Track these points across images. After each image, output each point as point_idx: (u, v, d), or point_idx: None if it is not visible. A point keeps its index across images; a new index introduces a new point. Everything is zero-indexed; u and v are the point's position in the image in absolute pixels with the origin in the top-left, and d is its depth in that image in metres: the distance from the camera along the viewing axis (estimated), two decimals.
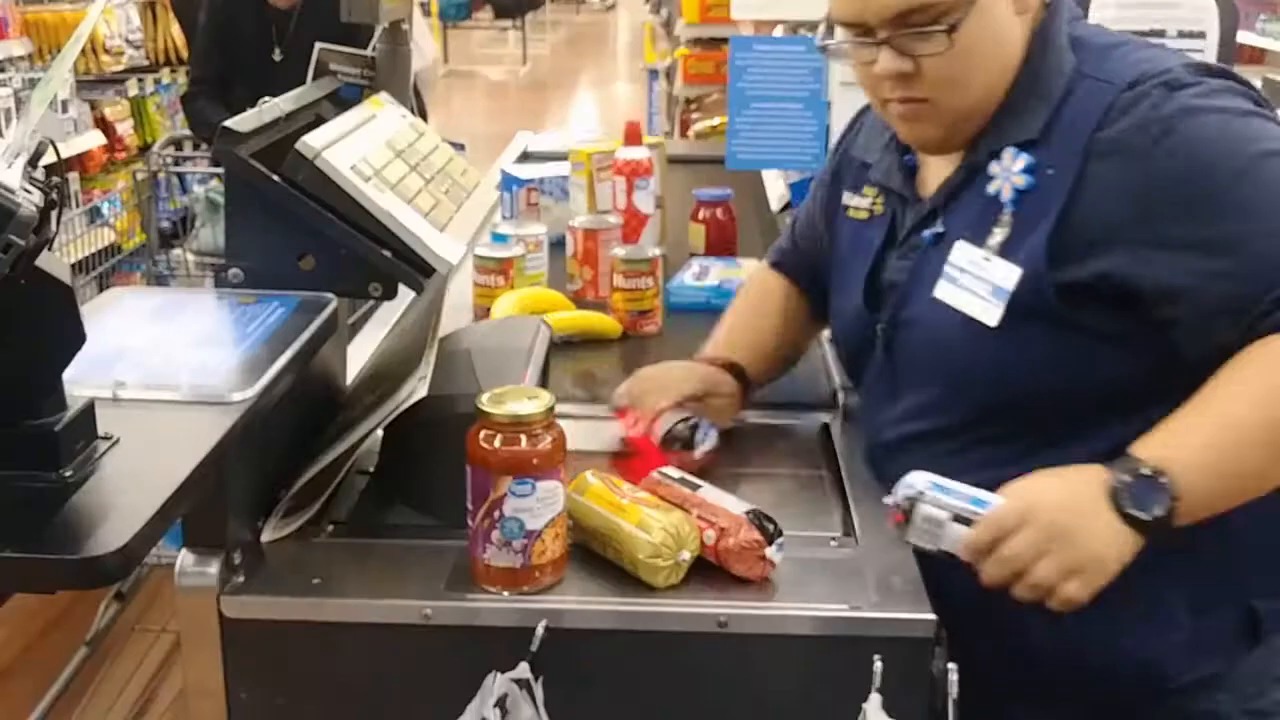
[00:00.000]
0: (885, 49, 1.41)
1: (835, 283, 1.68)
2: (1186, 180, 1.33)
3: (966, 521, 1.30)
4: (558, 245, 2.38)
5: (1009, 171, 1.43)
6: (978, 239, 1.44)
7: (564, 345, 2.00)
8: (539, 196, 2.66)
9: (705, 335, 1.86)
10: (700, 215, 2.60)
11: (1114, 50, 1.44)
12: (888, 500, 1.35)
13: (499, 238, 2.28)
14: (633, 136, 2.46)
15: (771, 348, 1.80)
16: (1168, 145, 1.33)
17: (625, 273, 2.13)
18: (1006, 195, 1.43)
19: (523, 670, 1.22)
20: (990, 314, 1.40)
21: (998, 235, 1.42)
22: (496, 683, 1.21)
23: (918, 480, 1.32)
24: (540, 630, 1.26)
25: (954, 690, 1.27)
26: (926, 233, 1.50)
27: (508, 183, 2.66)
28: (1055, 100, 1.41)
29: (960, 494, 1.31)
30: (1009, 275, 1.39)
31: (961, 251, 1.45)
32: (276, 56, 4.22)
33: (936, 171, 1.54)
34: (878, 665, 1.27)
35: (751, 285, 1.93)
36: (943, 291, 1.45)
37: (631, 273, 2.13)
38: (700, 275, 2.36)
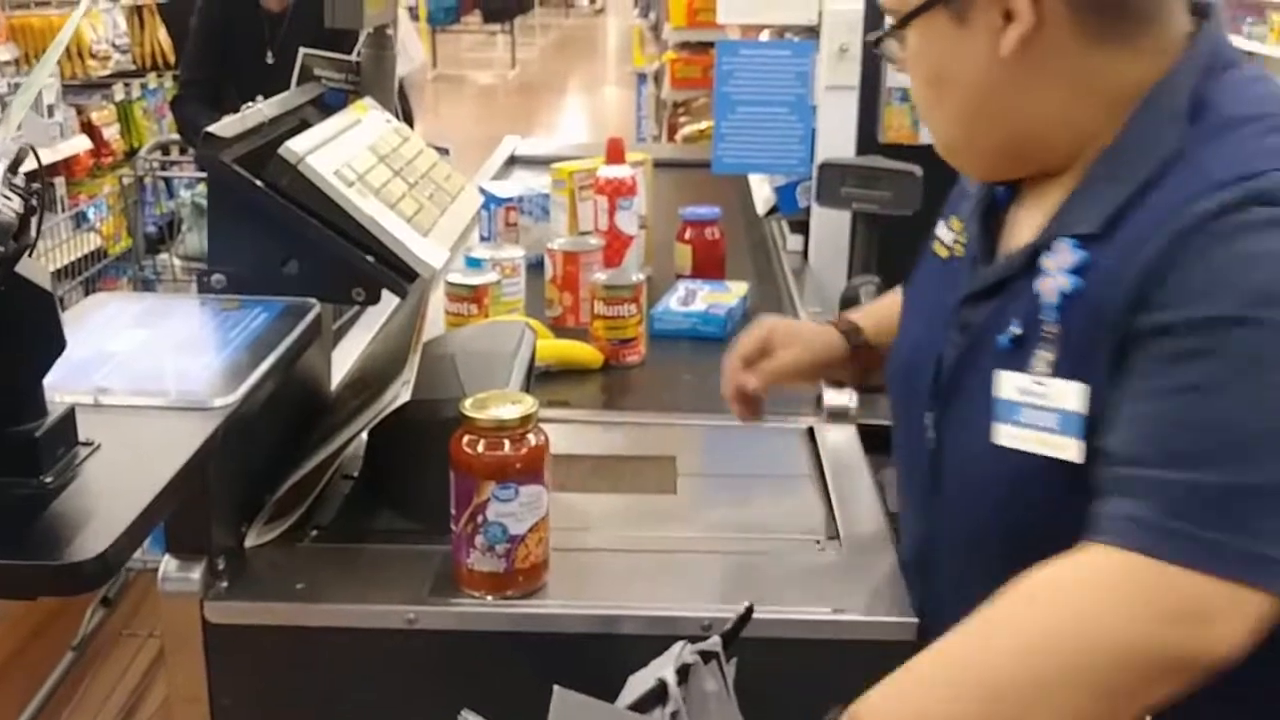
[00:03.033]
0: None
1: (904, 311, 1.44)
2: (1192, 301, 1.03)
3: None
4: (538, 267, 2.27)
5: (1057, 268, 1.13)
6: (1023, 358, 1.14)
7: (541, 376, 1.91)
8: (518, 216, 2.56)
9: (691, 365, 1.83)
10: (687, 235, 2.48)
11: (1238, 130, 1.10)
12: None
13: (473, 262, 2.17)
14: (615, 154, 2.36)
15: None
16: (1207, 263, 1.04)
17: (606, 299, 2.03)
18: (1050, 298, 1.13)
19: (713, 643, 1.15)
20: (1068, 449, 1.11)
21: (1044, 353, 1.13)
22: (683, 651, 1.13)
23: None
24: (742, 609, 1.18)
25: None
26: (1001, 337, 1.17)
27: (485, 201, 2.50)
28: (1138, 183, 1.11)
29: None
30: (1077, 396, 1.10)
31: (1008, 382, 1.15)
32: (269, 60, 4.22)
33: (1023, 223, 1.24)
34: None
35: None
36: (1003, 435, 1.15)
37: (613, 299, 2.02)
38: (687, 300, 2.25)
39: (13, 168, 1.04)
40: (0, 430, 1.06)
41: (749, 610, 1.18)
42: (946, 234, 1.35)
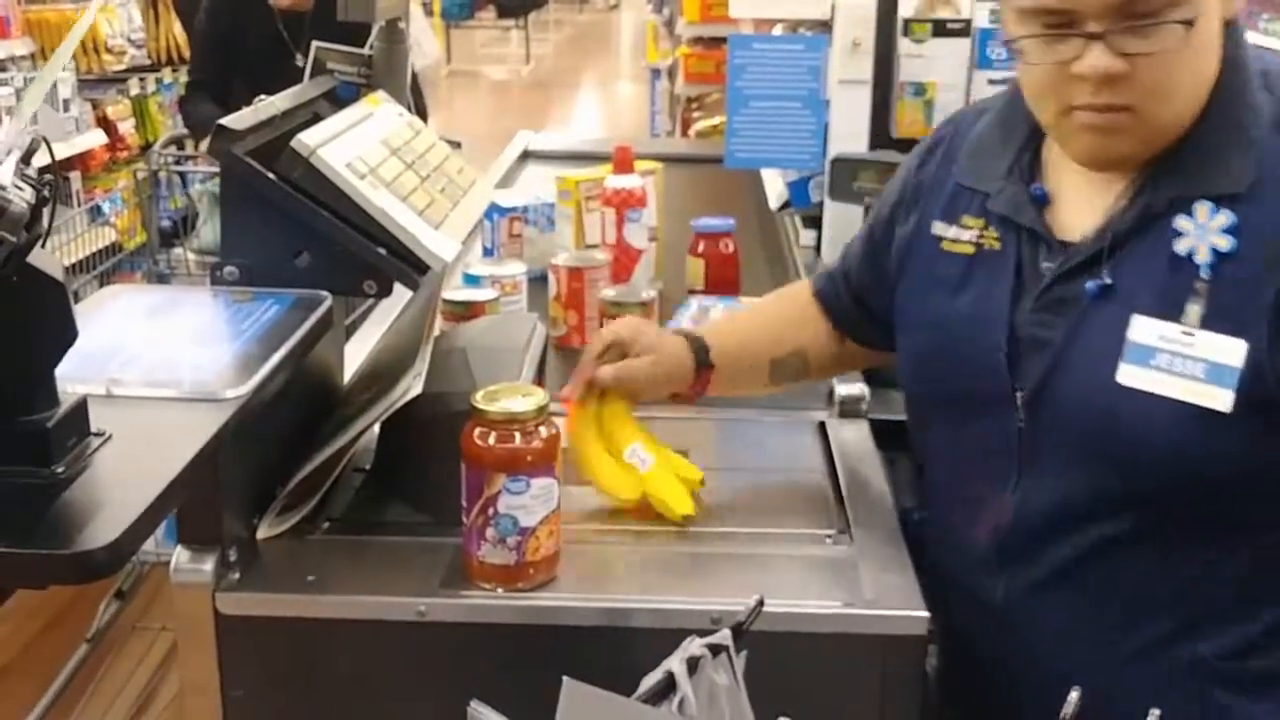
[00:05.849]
0: (1098, 44, 1.21)
1: (911, 319, 1.48)
2: None
3: None
4: (543, 281, 2.15)
5: (1205, 230, 1.22)
6: (1165, 310, 1.24)
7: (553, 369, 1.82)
8: (523, 226, 2.44)
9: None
10: (700, 248, 2.32)
11: None
12: None
13: (470, 279, 2.08)
14: (623, 163, 2.26)
15: (763, 345, 1.64)
16: None
17: (615, 317, 1.89)
18: (1203, 258, 1.22)
19: (723, 636, 1.16)
20: (1218, 398, 1.21)
21: (1195, 307, 1.22)
22: (693, 644, 1.14)
23: None
24: (753, 602, 1.20)
25: None
26: (1090, 283, 1.29)
27: (489, 211, 2.37)
28: (1260, 146, 1.23)
29: None
30: (1233, 351, 1.20)
31: (1147, 328, 1.24)
32: (299, 62, 4.19)
33: (1077, 211, 1.34)
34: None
35: (783, 292, 1.77)
36: (1131, 376, 1.24)
37: (622, 317, 1.85)
38: (700, 318, 2.06)
39: (25, 159, 1.04)
40: (13, 420, 1.06)
41: (760, 604, 1.18)
42: (963, 232, 1.40)
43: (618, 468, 1.53)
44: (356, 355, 1.88)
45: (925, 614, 1.31)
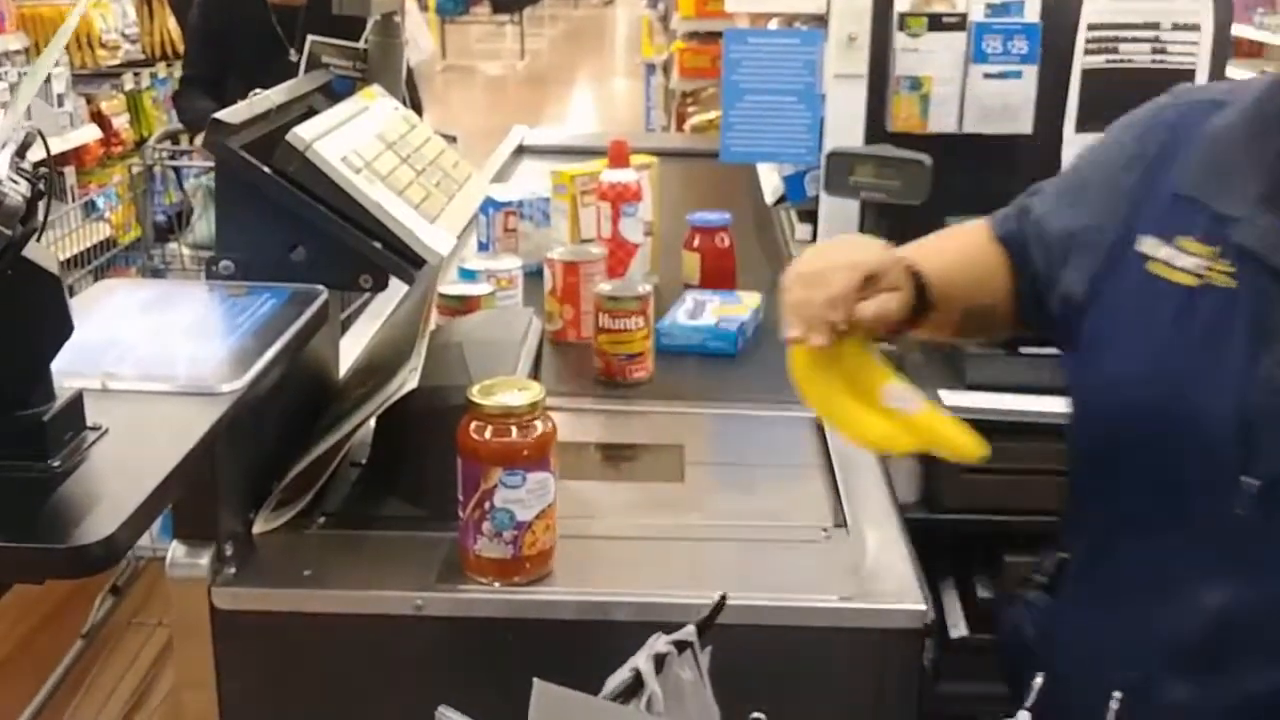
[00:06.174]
0: None
1: (1103, 349, 1.23)
2: None
3: None
4: (539, 275, 2.14)
5: None
6: None
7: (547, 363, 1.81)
8: (518, 221, 2.44)
9: (701, 381, 1.75)
10: (695, 243, 2.32)
11: None
12: None
13: (466, 274, 2.07)
14: (618, 157, 2.26)
15: (965, 291, 1.36)
16: None
17: (611, 312, 1.90)
18: None
19: (688, 632, 1.14)
20: None
21: None
22: (659, 642, 1.13)
23: None
24: (716, 598, 1.16)
25: None
26: None
27: (484, 206, 2.37)
28: None
29: None
30: None
31: None
32: (293, 57, 4.18)
33: None
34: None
35: (969, 231, 1.42)
36: None
37: (618, 312, 1.90)
38: (695, 312, 2.11)
39: (20, 153, 1.04)
40: (8, 414, 1.06)
41: (722, 599, 1.17)
42: (1182, 258, 1.15)
43: (880, 414, 1.29)
44: (352, 350, 1.88)
45: (922, 607, 1.31)
